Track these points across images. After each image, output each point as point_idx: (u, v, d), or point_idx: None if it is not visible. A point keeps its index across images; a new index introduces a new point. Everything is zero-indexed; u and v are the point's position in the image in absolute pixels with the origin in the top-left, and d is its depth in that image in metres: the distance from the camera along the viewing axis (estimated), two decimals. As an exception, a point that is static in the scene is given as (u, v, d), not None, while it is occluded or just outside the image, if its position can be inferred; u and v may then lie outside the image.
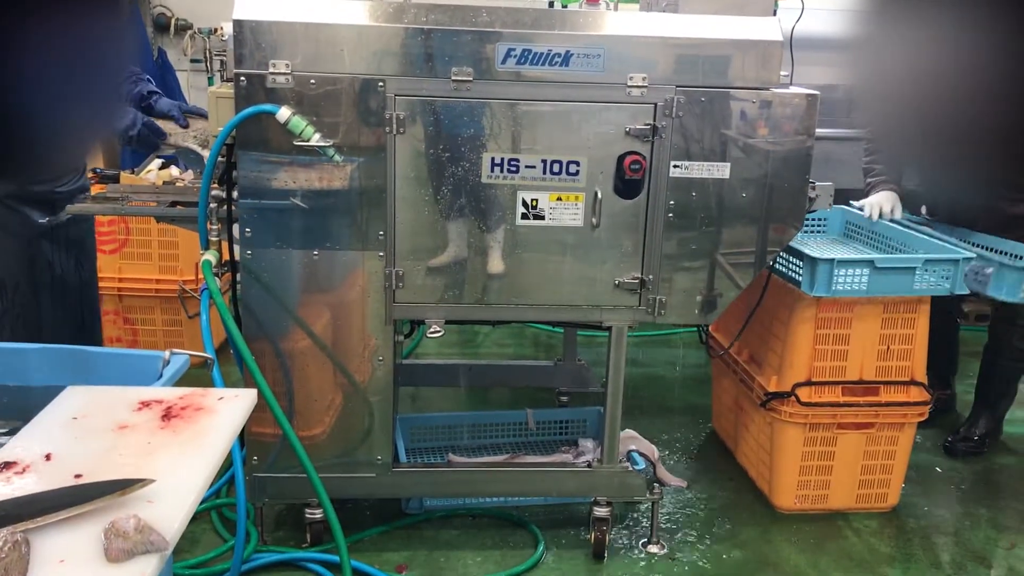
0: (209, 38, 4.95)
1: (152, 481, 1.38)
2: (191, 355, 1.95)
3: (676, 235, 2.71)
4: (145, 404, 1.65)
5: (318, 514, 2.79)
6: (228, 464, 2.67)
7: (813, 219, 3.59)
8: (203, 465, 1.48)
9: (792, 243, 2.86)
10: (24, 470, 1.45)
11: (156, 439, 1.55)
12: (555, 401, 3.89)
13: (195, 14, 4.99)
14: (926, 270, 2.98)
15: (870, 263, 2.94)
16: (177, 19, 5.00)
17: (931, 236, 3.22)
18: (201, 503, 3.01)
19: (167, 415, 1.62)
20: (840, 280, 2.93)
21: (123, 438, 1.55)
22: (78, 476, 1.42)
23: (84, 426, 1.58)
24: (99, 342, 3.51)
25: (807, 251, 2.95)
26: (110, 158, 4.43)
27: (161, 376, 1.88)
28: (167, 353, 1.92)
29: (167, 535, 1.30)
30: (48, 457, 1.48)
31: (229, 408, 1.66)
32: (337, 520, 2.53)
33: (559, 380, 3.85)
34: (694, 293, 2.77)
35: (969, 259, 3.01)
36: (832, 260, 2.91)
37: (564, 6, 4.79)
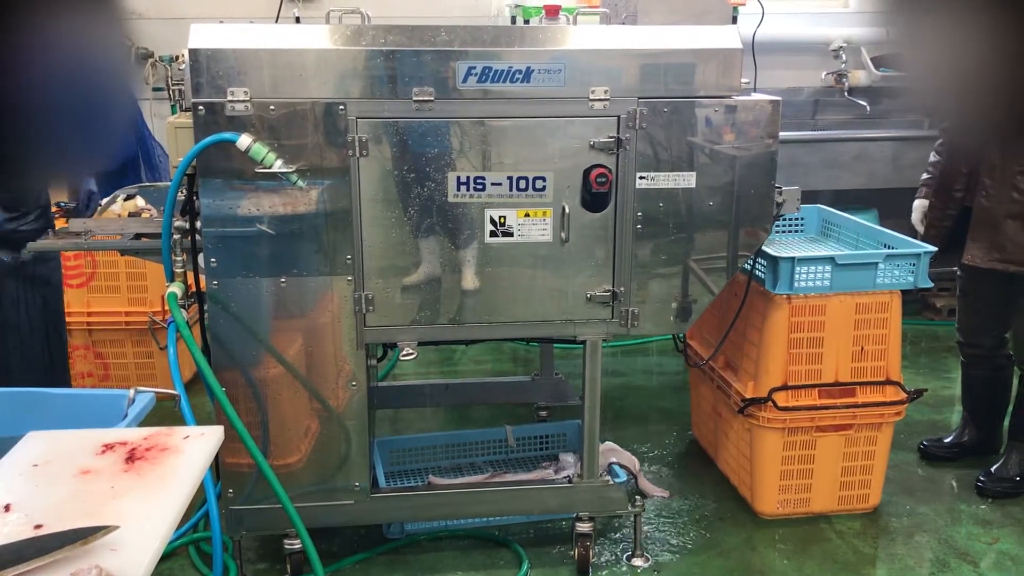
0: (170, 66, 4.90)
1: (115, 528, 1.35)
2: (157, 392, 1.92)
3: (646, 246, 2.70)
4: (108, 447, 1.62)
5: (297, 545, 2.75)
6: (205, 497, 2.62)
7: (790, 218, 3.60)
8: (169, 508, 1.45)
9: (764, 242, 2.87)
10: (-16, 522, 1.41)
11: (120, 483, 1.52)
12: (534, 416, 3.88)
13: (156, 42, 4.94)
14: (888, 264, 3.02)
15: (831, 260, 2.97)
16: (138, 48, 4.94)
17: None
18: (178, 538, 2.98)
19: (131, 457, 1.58)
20: (802, 278, 2.96)
21: (86, 484, 1.51)
22: (38, 527, 1.39)
23: (45, 473, 1.54)
24: (68, 381, 3.45)
25: (769, 250, 2.97)
26: (74, 192, 4.37)
27: (126, 416, 1.84)
28: (132, 392, 1.88)
29: (131, 584, 1.27)
30: (7, 508, 1.44)
31: (195, 447, 1.62)
32: (315, 550, 2.50)
33: (537, 395, 3.83)
34: (667, 302, 2.77)
35: (930, 252, 3.04)
36: (792, 258, 2.94)
37: (526, 21, 4.80)
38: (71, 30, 0.61)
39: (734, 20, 4.71)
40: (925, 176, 3.55)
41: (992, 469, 3.38)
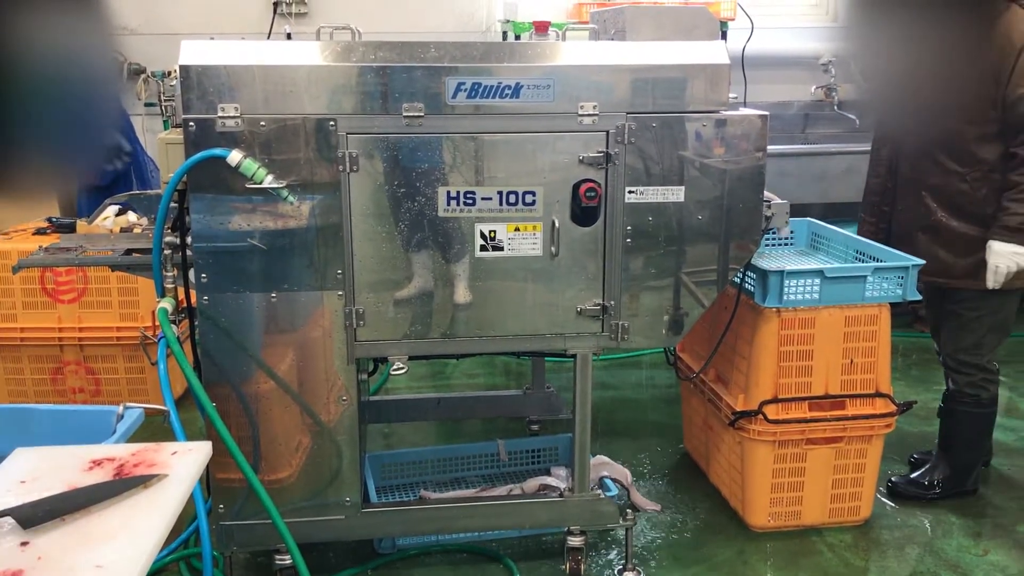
0: (162, 82, 4.92)
1: (165, 476, 1.57)
2: (145, 408, 1.92)
3: (636, 260, 2.71)
4: (96, 463, 1.62)
5: (287, 560, 2.74)
6: (195, 512, 2.62)
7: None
8: (156, 524, 1.45)
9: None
10: (-30, 539, 1.41)
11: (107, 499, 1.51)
12: (526, 430, 3.88)
13: (148, 58, 4.96)
14: (877, 277, 3.04)
15: (820, 273, 2.99)
16: (130, 64, 4.96)
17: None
18: (168, 554, 2.97)
19: (119, 473, 1.58)
20: (791, 291, 2.98)
21: (73, 500, 1.51)
22: (24, 544, 1.38)
23: (33, 489, 1.54)
24: None
25: (759, 264, 2.99)
26: (66, 207, 4.38)
27: (115, 432, 1.84)
28: (121, 407, 1.88)
29: (117, 601, 1.27)
30: (-5, 524, 1.44)
31: (183, 463, 1.63)
32: (305, 566, 2.49)
33: (529, 408, 3.83)
34: (658, 315, 2.78)
35: (919, 265, 3.06)
36: (782, 272, 2.96)
37: (517, 36, 4.82)
38: (59, 42, 0.61)
39: (723, 35, 4.74)
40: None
41: (912, 475, 3.44)
